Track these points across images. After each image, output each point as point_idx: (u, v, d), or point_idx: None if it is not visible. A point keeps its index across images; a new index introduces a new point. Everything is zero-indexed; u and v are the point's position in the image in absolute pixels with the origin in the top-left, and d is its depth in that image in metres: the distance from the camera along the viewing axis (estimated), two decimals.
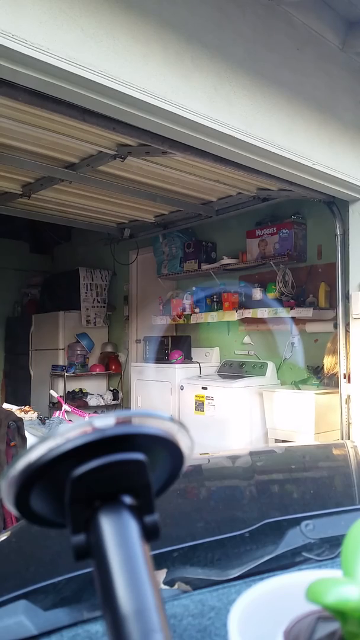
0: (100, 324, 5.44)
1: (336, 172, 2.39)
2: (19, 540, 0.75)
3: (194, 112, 1.79)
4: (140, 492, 0.30)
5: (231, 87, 1.94)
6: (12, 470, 0.29)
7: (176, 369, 4.25)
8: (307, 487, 0.92)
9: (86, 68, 1.51)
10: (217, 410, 3.86)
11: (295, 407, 3.57)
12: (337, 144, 2.40)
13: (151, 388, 4.39)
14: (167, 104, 1.72)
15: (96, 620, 0.48)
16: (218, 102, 1.88)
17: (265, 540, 0.61)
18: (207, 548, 0.60)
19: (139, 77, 1.64)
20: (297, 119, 2.22)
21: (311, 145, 2.26)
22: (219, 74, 1.90)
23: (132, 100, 1.65)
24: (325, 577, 0.31)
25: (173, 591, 0.53)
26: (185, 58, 1.79)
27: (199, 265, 4.46)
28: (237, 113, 1.95)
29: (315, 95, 2.33)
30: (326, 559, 0.59)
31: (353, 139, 2.53)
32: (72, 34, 1.48)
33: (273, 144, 2.08)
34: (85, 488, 0.29)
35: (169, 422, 0.31)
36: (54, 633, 0.47)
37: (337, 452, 1.23)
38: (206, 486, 0.97)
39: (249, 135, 1.98)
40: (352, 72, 2.59)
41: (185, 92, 1.77)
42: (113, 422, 0.29)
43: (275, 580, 0.37)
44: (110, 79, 1.57)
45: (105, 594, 0.27)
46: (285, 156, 2.15)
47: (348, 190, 2.57)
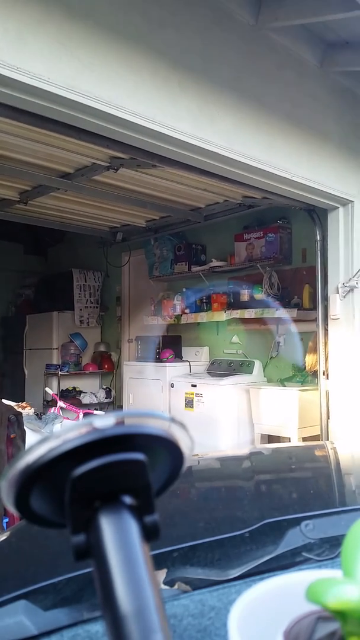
0: (94, 324, 5.59)
1: (315, 183, 2.57)
2: (19, 540, 0.75)
3: (180, 131, 1.97)
4: (140, 492, 0.30)
5: (215, 108, 2.11)
6: (12, 470, 0.29)
7: (167, 368, 4.41)
8: (306, 487, 0.92)
9: (83, 94, 1.67)
10: (206, 407, 4.04)
11: (280, 403, 3.75)
12: (315, 158, 2.58)
13: (143, 386, 4.55)
14: (155, 125, 1.89)
15: (96, 620, 0.48)
16: (202, 121, 2.05)
17: (265, 540, 0.61)
18: (207, 548, 0.60)
19: (130, 101, 1.80)
20: (277, 135, 2.39)
21: (291, 159, 2.44)
22: (203, 96, 2.07)
23: (123, 122, 1.82)
24: (325, 577, 0.31)
25: (173, 591, 0.53)
26: (173, 82, 1.96)
27: (189, 267, 4.63)
28: (220, 131, 2.12)
29: (294, 112, 2.51)
30: (326, 559, 0.59)
31: (331, 152, 2.71)
32: (69, 64, 1.64)
33: (254, 159, 2.26)
34: (85, 488, 0.29)
35: (169, 422, 0.31)
36: (54, 633, 0.47)
37: (335, 452, 1.24)
38: (206, 486, 0.97)
39: (231, 152, 2.16)
40: (331, 89, 2.77)
41: (172, 113, 1.94)
42: (113, 422, 0.29)
43: (275, 580, 0.37)
44: (104, 103, 1.73)
45: (105, 594, 0.27)
46: (265, 170, 2.33)
47: (326, 200, 2.75)
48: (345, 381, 2.84)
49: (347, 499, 0.86)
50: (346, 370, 2.83)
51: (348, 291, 2.80)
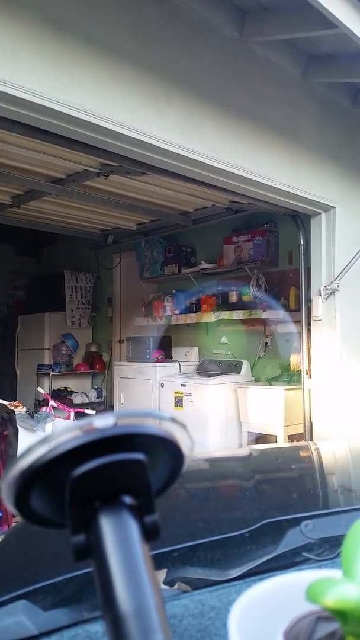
0: (85, 324, 5.66)
1: (297, 190, 2.68)
2: (19, 540, 0.75)
3: (167, 141, 2.06)
4: (140, 492, 0.30)
5: (200, 119, 2.21)
6: (12, 470, 0.29)
7: (157, 368, 4.51)
8: (306, 487, 0.92)
9: (73, 107, 1.77)
10: (195, 406, 4.14)
11: (266, 402, 3.86)
12: (298, 166, 2.69)
13: (133, 386, 4.64)
14: (143, 136, 1.98)
15: (96, 620, 0.48)
16: (188, 132, 2.15)
17: (265, 540, 0.61)
18: (207, 548, 0.60)
19: (119, 113, 1.90)
20: (261, 144, 2.50)
21: (274, 168, 2.55)
22: (189, 107, 2.17)
23: (112, 133, 1.91)
24: (325, 577, 0.31)
25: (173, 591, 0.53)
26: (160, 95, 2.05)
27: (179, 269, 4.73)
28: (206, 141, 2.22)
29: (278, 122, 2.62)
30: (326, 559, 0.59)
31: (314, 160, 2.82)
32: (61, 79, 1.73)
33: (238, 168, 2.36)
34: (85, 488, 0.29)
35: (169, 422, 0.31)
36: (54, 633, 0.47)
37: (335, 453, 1.24)
38: (206, 486, 0.97)
39: (216, 161, 2.26)
40: (313, 99, 2.88)
41: (159, 125, 2.03)
42: (113, 422, 0.29)
43: (275, 580, 0.37)
44: (94, 115, 1.83)
45: (105, 594, 0.28)
46: (249, 178, 2.43)
47: (309, 206, 2.86)
48: (327, 380, 2.95)
49: (347, 499, 0.85)
50: (328, 369, 2.95)
51: (330, 293, 2.91)
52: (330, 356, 2.93)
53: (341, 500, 0.85)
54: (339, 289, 2.88)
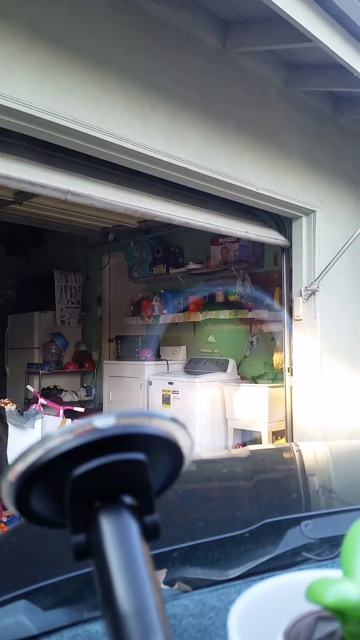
0: (74, 324, 5.73)
1: (278, 195, 2.79)
2: (19, 540, 0.75)
3: (152, 149, 2.15)
4: (140, 492, 0.30)
5: (184, 126, 2.31)
6: (13, 469, 0.29)
7: (145, 366, 4.60)
8: (306, 487, 0.93)
9: (61, 117, 1.85)
10: (182, 403, 4.23)
11: (251, 399, 3.97)
12: (279, 171, 2.80)
13: (122, 384, 4.73)
14: (128, 143, 2.07)
15: (96, 620, 0.48)
16: (173, 139, 2.24)
17: (265, 540, 0.61)
18: (207, 548, 0.60)
19: (105, 122, 1.99)
20: (243, 151, 2.60)
21: (256, 173, 2.65)
22: (173, 115, 2.27)
23: (99, 141, 2.00)
24: (325, 577, 0.31)
25: (173, 591, 0.53)
26: (145, 104, 2.14)
27: (167, 270, 4.82)
28: (190, 148, 2.32)
29: (260, 129, 2.72)
30: (326, 559, 0.59)
31: (295, 165, 2.93)
32: (49, 89, 1.82)
33: (221, 173, 2.46)
34: (85, 488, 0.29)
35: (169, 422, 0.31)
36: (54, 633, 0.47)
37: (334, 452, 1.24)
38: (206, 486, 0.97)
39: (200, 167, 2.36)
40: (295, 106, 2.99)
41: (144, 132, 2.12)
42: (113, 422, 0.29)
43: (275, 580, 0.37)
44: (82, 124, 1.91)
45: (105, 594, 0.28)
46: (232, 183, 2.53)
47: (290, 210, 2.97)
48: (307, 377, 3.06)
49: (346, 498, 0.85)
50: (308, 367, 3.06)
51: (310, 294, 3.02)
52: (310, 354, 3.05)
53: (341, 500, 0.84)
54: (318, 289, 3.00)
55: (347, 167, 3.29)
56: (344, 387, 3.20)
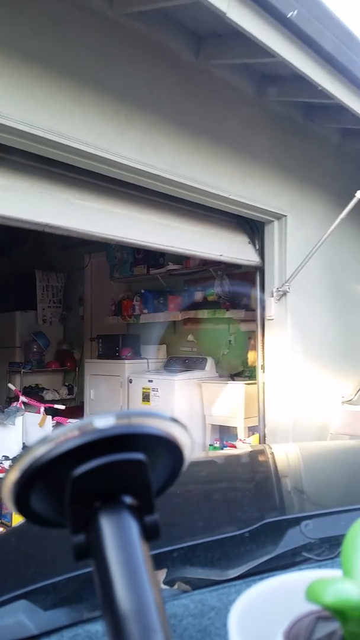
0: (56, 323, 5.80)
1: (250, 200, 2.92)
2: (19, 540, 0.75)
3: (127, 158, 2.26)
4: (140, 492, 0.31)
5: (159, 136, 2.42)
6: (13, 469, 0.29)
7: (126, 365, 4.70)
8: (306, 487, 0.93)
9: (38, 128, 1.95)
10: (162, 401, 4.35)
11: (228, 396, 4.11)
12: (251, 178, 2.93)
13: (103, 382, 4.82)
14: (104, 153, 2.17)
15: (96, 620, 0.48)
16: (147, 149, 2.35)
17: (265, 540, 0.61)
18: (207, 548, 0.60)
19: (81, 133, 2.09)
20: (216, 159, 2.72)
21: (228, 180, 2.78)
22: (148, 126, 2.37)
23: (75, 151, 2.10)
24: (325, 577, 0.31)
25: (173, 591, 0.53)
26: (120, 115, 2.25)
27: (148, 270, 4.92)
28: (164, 157, 2.43)
29: (232, 138, 2.85)
30: (326, 559, 0.59)
31: (266, 173, 3.07)
32: (26, 102, 1.91)
33: (194, 180, 2.58)
34: (85, 488, 0.29)
35: (169, 422, 0.31)
36: (54, 633, 0.47)
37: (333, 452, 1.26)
38: (206, 486, 0.97)
39: (174, 174, 2.47)
40: (266, 115, 3.12)
41: (120, 142, 2.23)
42: (113, 422, 0.29)
43: (275, 580, 0.37)
44: (57, 135, 2.01)
45: (105, 594, 0.28)
46: (205, 189, 2.65)
47: (262, 215, 3.11)
48: (279, 374, 3.21)
49: (346, 498, 0.86)
50: (279, 364, 3.21)
51: (282, 295, 3.17)
52: (281, 352, 3.19)
53: (341, 500, 0.85)
54: (289, 290, 3.14)
55: (317, 174, 3.44)
56: (313, 383, 3.35)
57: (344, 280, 3.67)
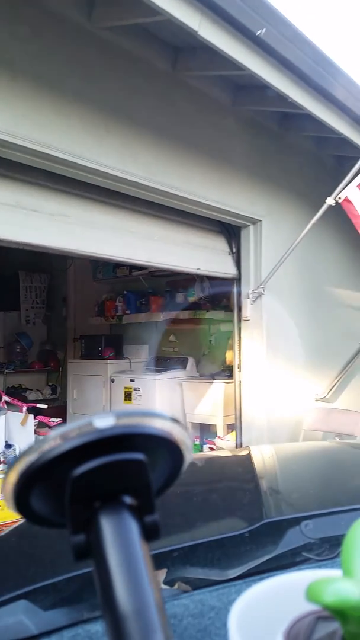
0: (40, 323, 5.85)
1: (226, 206, 3.03)
2: (19, 540, 0.76)
3: (106, 165, 2.35)
4: (140, 492, 0.31)
5: (137, 145, 2.52)
6: (13, 469, 0.29)
7: (108, 364, 4.79)
8: (306, 487, 0.92)
9: (21, 138, 2.03)
10: (143, 400, 4.45)
11: (208, 395, 4.23)
12: (227, 184, 3.04)
13: (86, 382, 4.90)
14: (84, 161, 2.26)
15: (96, 620, 0.48)
16: (126, 157, 2.45)
17: (265, 540, 0.61)
18: (207, 548, 0.60)
19: (62, 142, 2.17)
20: (192, 166, 2.83)
21: (205, 186, 2.89)
22: (127, 135, 2.47)
23: (57, 160, 2.19)
24: (325, 577, 0.31)
25: (173, 591, 0.53)
26: (99, 125, 2.34)
27: (130, 271, 5.01)
28: (141, 164, 2.53)
29: (208, 145, 2.96)
30: (326, 559, 0.59)
31: (241, 178, 3.19)
32: (8, 114, 1.99)
33: (172, 187, 2.68)
34: (85, 488, 0.29)
35: (169, 422, 0.31)
36: (54, 633, 0.47)
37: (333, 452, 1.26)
38: (206, 486, 0.97)
39: (151, 181, 2.57)
40: (242, 123, 3.24)
41: (99, 151, 2.32)
42: (113, 422, 0.29)
43: (275, 580, 0.37)
44: (39, 145, 2.10)
45: (105, 594, 0.28)
46: (182, 195, 2.76)
47: (238, 219, 3.23)
48: (254, 373, 3.33)
49: (346, 498, 0.85)
50: (255, 364, 3.33)
51: (257, 297, 3.29)
52: (257, 352, 3.32)
53: (340, 500, 0.85)
54: (264, 292, 3.27)
55: (291, 180, 3.57)
56: (288, 381, 3.49)
57: (319, 282, 3.82)
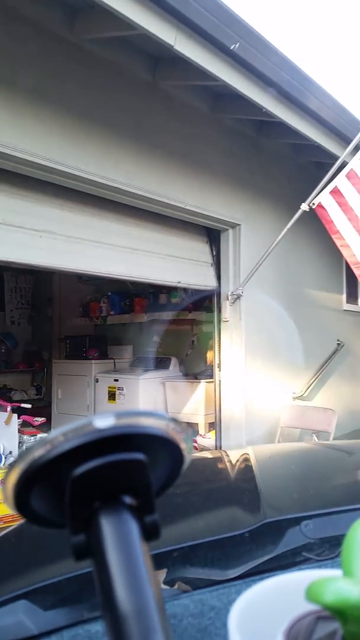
0: (25, 324, 5.89)
1: (206, 210, 3.14)
2: (19, 540, 0.76)
3: (87, 171, 2.44)
4: (140, 492, 0.31)
5: (117, 151, 2.61)
6: (13, 470, 0.29)
7: (92, 364, 4.85)
8: (306, 487, 0.93)
9: (5, 146, 2.11)
10: (127, 399, 4.53)
11: (189, 394, 4.32)
12: (206, 190, 3.15)
13: (71, 382, 4.95)
14: (65, 167, 2.35)
15: (96, 620, 0.48)
16: (106, 163, 2.53)
17: (265, 540, 0.61)
18: (207, 548, 0.60)
19: (44, 149, 2.26)
20: (172, 172, 2.93)
21: (184, 191, 2.99)
22: (107, 142, 2.56)
23: (40, 166, 2.27)
24: (325, 577, 0.31)
25: (173, 591, 0.53)
26: (80, 132, 2.43)
27: None
28: (122, 170, 2.62)
29: (188, 152, 3.06)
30: (326, 559, 0.59)
31: (220, 184, 3.29)
32: None
33: (151, 192, 2.78)
34: (85, 488, 0.29)
35: (169, 422, 0.31)
36: (54, 633, 0.47)
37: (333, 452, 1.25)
38: (206, 486, 0.97)
39: (131, 187, 2.66)
40: (221, 130, 3.34)
41: (80, 157, 2.41)
42: (113, 422, 0.29)
43: (275, 580, 0.37)
44: (22, 152, 2.17)
45: (105, 594, 0.28)
46: (162, 200, 2.85)
47: (217, 224, 3.33)
48: (233, 372, 3.44)
49: (346, 498, 0.85)
50: (234, 363, 3.44)
51: (236, 298, 3.40)
52: (236, 352, 3.43)
53: (341, 500, 0.84)
54: (242, 294, 3.38)
55: (269, 185, 3.69)
56: (266, 380, 3.60)
57: (296, 283, 3.94)
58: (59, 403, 5.02)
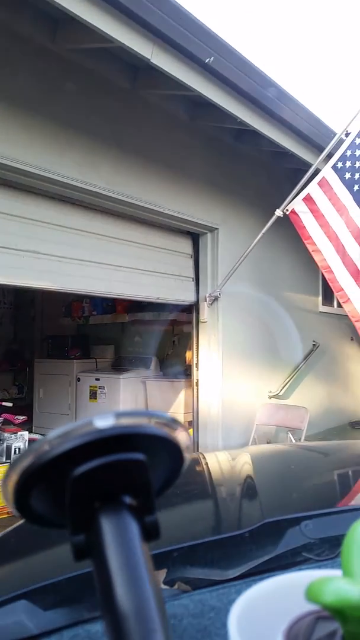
0: (7, 323, 5.92)
1: (184, 215, 3.24)
2: (19, 540, 0.76)
3: (68, 177, 2.52)
4: (141, 492, 0.31)
5: (97, 157, 2.69)
6: (13, 470, 0.29)
7: (74, 364, 4.91)
8: (306, 487, 0.92)
9: None
10: (108, 398, 4.61)
11: (169, 393, 4.42)
12: (184, 194, 3.25)
13: (52, 381, 5.01)
14: (47, 173, 2.43)
15: (96, 620, 0.48)
16: (86, 169, 2.62)
17: (265, 540, 0.61)
18: (207, 548, 0.60)
19: (26, 156, 2.33)
20: (151, 177, 3.02)
21: (163, 196, 3.08)
22: (88, 148, 2.64)
23: (22, 172, 2.35)
24: (325, 577, 0.32)
25: (173, 591, 0.53)
26: (61, 139, 2.50)
27: None
28: (102, 176, 2.70)
29: (166, 158, 3.16)
30: (326, 559, 0.59)
31: (199, 190, 3.40)
32: None
33: (131, 197, 2.87)
34: (86, 488, 0.29)
35: (169, 422, 0.31)
36: (54, 633, 0.47)
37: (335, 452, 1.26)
38: (207, 486, 0.97)
39: (111, 192, 2.75)
40: (199, 137, 3.45)
41: (61, 164, 2.49)
42: (113, 422, 0.29)
43: (275, 580, 0.37)
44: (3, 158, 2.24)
45: (105, 594, 0.28)
46: (141, 205, 2.94)
47: (195, 227, 3.44)
48: (210, 372, 3.55)
49: (346, 498, 0.85)
50: (211, 363, 3.55)
51: (214, 300, 3.51)
52: (213, 352, 3.54)
53: (340, 500, 0.84)
54: (220, 296, 3.49)
55: (247, 190, 3.80)
56: (242, 379, 3.72)
57: (273, 285, 4.07)
58: (41, 402, 5.07)
